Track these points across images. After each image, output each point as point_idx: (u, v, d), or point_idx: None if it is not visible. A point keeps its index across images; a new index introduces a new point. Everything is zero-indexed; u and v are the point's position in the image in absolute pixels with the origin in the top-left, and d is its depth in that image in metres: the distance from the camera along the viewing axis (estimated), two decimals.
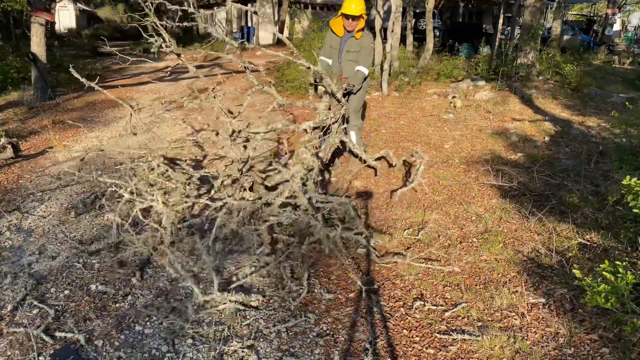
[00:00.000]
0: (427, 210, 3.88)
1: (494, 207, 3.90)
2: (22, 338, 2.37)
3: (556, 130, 6.13)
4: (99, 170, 4.74)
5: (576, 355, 2.25)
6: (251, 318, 2.56)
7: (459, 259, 3.15)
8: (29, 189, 4.33)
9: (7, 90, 8.59)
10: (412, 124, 6.69)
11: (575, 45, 15.10)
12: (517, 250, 3.22)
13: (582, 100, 7.93)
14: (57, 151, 5.41)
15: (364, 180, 4.55)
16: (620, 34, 20.57)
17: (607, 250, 3.11)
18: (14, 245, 3.32)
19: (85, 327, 2.46)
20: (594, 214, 3.62)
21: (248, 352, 2.29)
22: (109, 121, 6.92)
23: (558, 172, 4.55)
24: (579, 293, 2.63)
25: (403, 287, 2.85)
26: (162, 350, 2.31)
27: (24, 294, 2.71)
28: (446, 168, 4.80)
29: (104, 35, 31.94)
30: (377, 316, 2.58)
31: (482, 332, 2.42)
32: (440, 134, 6.14)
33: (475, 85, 8.87)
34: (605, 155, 5.00)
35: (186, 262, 3.12)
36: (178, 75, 11.84)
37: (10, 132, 5.84)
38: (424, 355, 2.31)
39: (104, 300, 2.69)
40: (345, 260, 3.13)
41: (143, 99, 8.47)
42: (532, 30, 9.06)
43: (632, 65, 12.83)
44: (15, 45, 13.17)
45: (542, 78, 9.17)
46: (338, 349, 2.34)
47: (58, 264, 3.06)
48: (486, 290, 2.79)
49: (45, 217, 3.78)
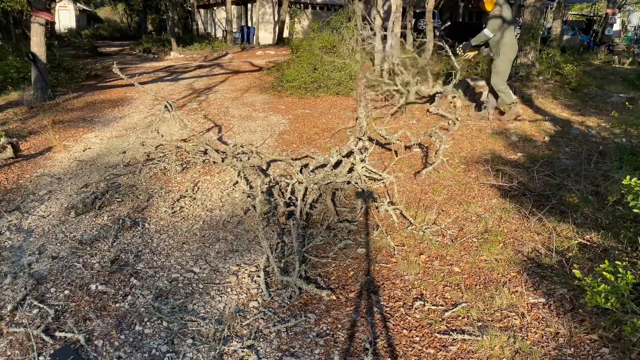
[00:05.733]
0: (427, 210, 3.88)
1: (494, 207, 3.91)
2: (22, 338, 2.37)
3: (556, 130, 6.13)
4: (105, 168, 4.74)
5: (576, 355, 2.25)
6: (251, 318, 2.56)
7: (459, 259, 3.15)
8: (29, 189, 4.34)
9: (7, 90, 8.59)
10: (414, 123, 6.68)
11: (575, 45, 15.08)
12: (517, 250, 3.22)
13: (582, 100, 7.93)
14: (57, 151, 5.41)
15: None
16: (620, 34, 20.54)
17: (607, 250, 3.11)
18: (14, 245, 3.32)
19: (85, 327, 2.46)
20: (594, 214, 3.62)
21: (248, 352, 2.29)
22: (109, 121, 6.92)
23: (558, 172, 4.55)
24: (579, 293, 2.63)
25: (403, 287, 2.85)
26: (162, 350, 2.31)
27: (24, 294, 2.71)
28: (446, 168, 4.80)
29: (103, 35, 31.85)
30: (377, 316, 2.58)
31: (482, 332, 2.42)
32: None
33: (476, 85, 8.86)
34: (605, 155, 4.99)
35: (186, 262, 3.12)
36: (178, 75, 11.85)
37: (10, 132, 5.84)
38: (424, 355, 2.31)
39: (104, 300, 2.69)
40: (346, 260, 3.13)
41: (143, 99, 8.47)
42: (532, 30, 9.06)
43: (632, 65, 12.81)
44: (15, 45, 13.17)
45: (542, 78, 9.17)
46: (338, 349, 2.34)
47: (58, 264, 3.06)
48: (486, 290, 2.79)
49: (45, 217, 3.78)
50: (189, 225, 3.65)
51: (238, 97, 8.79)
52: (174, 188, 4.34)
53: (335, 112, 7.29)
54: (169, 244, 3.36)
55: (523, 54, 9.27)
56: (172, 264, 3.10)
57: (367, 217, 3.71)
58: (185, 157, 4.90)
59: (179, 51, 17.47)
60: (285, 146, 5.61)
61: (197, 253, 3.24)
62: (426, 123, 6.44)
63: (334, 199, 3.96)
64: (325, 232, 3.46)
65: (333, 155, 4.28)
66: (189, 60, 15.74)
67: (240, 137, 5.97)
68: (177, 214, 3.84)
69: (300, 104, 8.03)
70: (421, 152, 5.32)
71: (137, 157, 4.98)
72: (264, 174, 4.57)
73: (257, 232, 3.31)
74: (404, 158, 5.06)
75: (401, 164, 4.91)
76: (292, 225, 3.24)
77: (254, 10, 23.51)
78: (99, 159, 5.17)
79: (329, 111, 7.39)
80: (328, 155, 4.40)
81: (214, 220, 3.73)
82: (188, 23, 27.63)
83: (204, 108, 7.82)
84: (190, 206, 3.97)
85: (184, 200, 4.05)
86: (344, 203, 3.98)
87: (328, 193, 3.91)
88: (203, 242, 3.39)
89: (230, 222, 3.68)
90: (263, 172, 4.66)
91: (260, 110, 7.56)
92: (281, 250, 3.24)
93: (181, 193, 4.19)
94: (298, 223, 3.35)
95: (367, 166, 4.23)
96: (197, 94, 9.14)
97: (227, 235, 3.49)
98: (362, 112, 4.45)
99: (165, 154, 4.87)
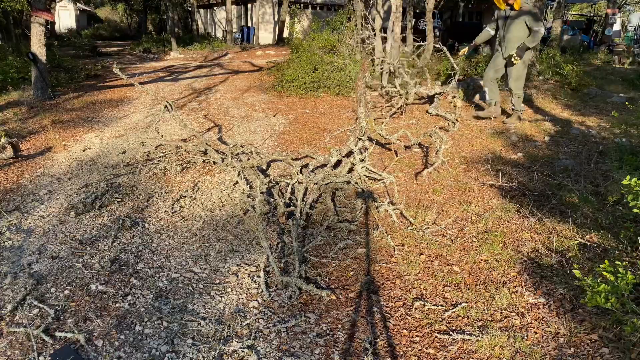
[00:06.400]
0: (427, 210, 3.88)
1: (494, 207, 3.91)
2: (22, 338, 2.37)
3: (556, 130, 6.13)
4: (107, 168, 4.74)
5: (576, 355, 2.25)
6: (251, 318, 2.56)
7: (459, 259, 3.15)
8: (29, 189, 4.34)
9: (7, 90, 8.59)
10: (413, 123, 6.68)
11: (575, 45, 15.08)
12: (517, 250, 3.22)
13: (582, 100, 7.93)
14: (57, 151, 5.41)
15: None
16: (620, 34, 20.54)
17: (607, 250, 3.11)
18: (14, 245, 3.32)
19: (85, 327, 2.46)
20: (594, 214, 3.62)
21: (248, 352, 2.29)
22: (109, 121, 6.91)
23: (558, 172, 4.55)
24: (579, 293, 2.63)
25: (403, 287, 2.85)
26: (162, 350, 2.31)
27: (24, 294, 2.71)
28: (446, 168, 4.80)
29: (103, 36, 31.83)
30: (377, 316, 2.58)
31: (482, 332, 2.42)
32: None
33: (476, 85, 8.86)
34: (605, 155, 4.99)
35: (186, 262, 3.12)
36: (178, 75, 11.85)
37: (10, 132, 5.84)
38: (424, 355, 2.31)
39: (104, 300, 2.69)
40: (346, 260, 3.13)
41: (143, 99, 8.47)
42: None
43: (632, 65, 12.80)
44: (15, 45, 13.16)
45: (542, 78, 9.17)
46: (338, 349, 2.34)
47: (58, 264, 3.06)
48: (486, 290, 2.79)
49: (45, 217, 3.78)
50: (189, 225, 3.65)
51: (238, 97, 8.79)
52: (174, 188, 4.34)
53: (335, 112, 7.29)
54: (169, 244, 3.37)
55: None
56: (172, 264, 3.10)
57: (367, 217, 3.71)
58: (185, 157, 4.91)
59: (179, 51, 17.48)
60: (285, 146, 5.61)
61: (197, 253, 3.24)
62: (426, 123, 6.44)
63: (334, 199, 3.96)
64: (325, 232, 3.46)
65: (333, 155, 4.28)
66: (189, 60, 15.74)
67: (240, 137, 5.97)
68: (177, 214, 3.84)
69: (300, 104, 8.03)
70: (421, 152, 5.32)
71: (137, 157, 4.98)
72: (264, 174, 4.58)
73: (257, 232, 3.32)
74: (404, 158, 5.07)
75: (401, 164, 4.91)
76: (292, 225, 3.24)
77: (254, 10, 23.53)
78: (99, 159, 5.17)
79: (329, 111, 7.38)
80: (328, 155, 4.40)
81: (214, 220, 3.73)
82: (188, 23, 27.64)
83: (204, 108, 7.82)
84: (190, 206, 3.97)
85: (184, 200, 4.05)
86: (344, 203, 3.98)
87: (328, 193, 3.91)
88: (203, 242, 3.39)
89: (230, 222, 3.68)
90: (263, 172, 4.66)
91: (260, 110, 7.55)
92: (281, 250, 3.24)
93: (181, 193, 4.19)
94: (298, 223, 3.35)
95: (367, 166, 4.23)
96: (197, 94, 9.14)
97: (227, 235, 3.49)
98: (362, 112, 4.46)
99: (165, 154, 4.87)
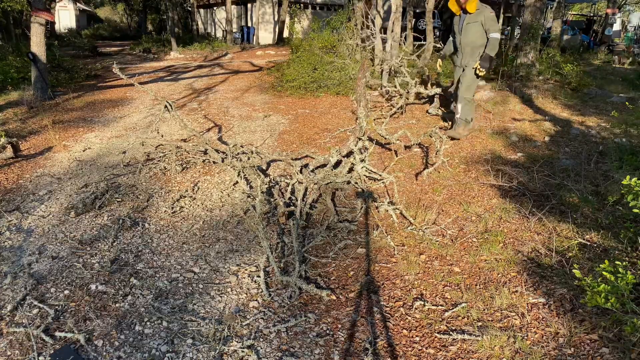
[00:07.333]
0: (427, 210, 3.88)
1: (494, 207, 3.91)
2: (22, 338, 2.37)
3: (556, 130, 6.13)
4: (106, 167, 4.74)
5: (576, 355, 2.25)
6: (251, 318, 2.56)
7: (459, 259, 3.15)
8: (29, 189, 4.33)
9: (7, 90, 8.59)
10: (413, 123, 6.68)
11: (575, 45, 15.08)
12: (517, 250, 3.22)
13: (582, 100, 7.93)
14: (57, 151, 5.41)
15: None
16: (620, 34, 20.53)
17: (607, 250, 3.11)
18: (14, 245, 3.32)
19: (85, 327, 2.46)
20: (594, 214, 3.62)
21: (248, 352, 2.29)
22: (109, 121, 6.91)
23: (558, 172, 4.55)
24: (579, 293, 2.63)
25: (403, 287, 2.85)
26: (162, 350, 2.31)
27: (24, 294, 2.71)
28: (446, 168, 4.80)
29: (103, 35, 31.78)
30: (377, 316, 2.58)
31: (482, 332, 2.42)
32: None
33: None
34: (605, 155, 4.99)
35: (186, 262, 3.12)
36: (178, 75, 11.85)
37: (10, 132, 5.84)
38: (424, 355, 2.31)
39: (104, 300, 2.69)
40: (346, 260, 3.13)
41: (143, 99, 8.47)
42: (532, 30, 9.05)
43: (632, 65, 12.81)
44: (15, 45, 13.16)
45: (542, 78, 9.17)
46: (338, 349, 2.34)
47: (58, 264, 3.06)
48: (486, 290, 2.79)
49: (45, 217, 3.78)
50: (189, 225, 3.65)
51: (238, 97, 8.79)
52: (174, 188, 4.34)
53: (335, 112, 7.29)
54: (169, 244, 3.36)
55: (523, 54, 9.26)
56: (172, 264, 3.10)
57: (367, 217, 3.71)
58: (185, 157, 4.90)
59: (179, 51, 17.47)
60: (285, 146, 5.61)
61: (197, 253, 3.24)
62: (426, 123, 6.44)
63: (334, 199, 3.96)
64: (325, 232, 3.46)
65: (333, 155, 4.28)
66: (188, 60, 15.74)
67: (240, 137, 5.97)
68: (177, 214, 3.84)
69: (300, 104, 8.03)
70: (421, 152, 5.32)
71: (137, 157, 4.98)
72: (264, 174, 4.57)
73: (257, 232, 3.31)
74: (404, 158, 5.07)
75: (401, 164, 4.91)
76: (292, 225, 3.24)
77: (254, 10, 23.51)
78: (99, 159, 5.17)
79: (329, 111, 7.38)
80: (328, 155, 4.40)
81: (213, 220, 3.72)
82: (188, 23, 27.63)
83: (204, 108, 7.82)
84: (190, 206, 3.97)
85: (184, 200, 4.05)
86: (344, 203, 3.98)
87: (328, 193, 3.91)
88: (203, 242, 3.39)
89: (230, 222, 3.68)
90: (263, 172, 4.66)
91: (260, 110, 7.55)
92: (281, 250, 3.24)
93: (181, 193, 4.19)
94: (298, 223, 3.35)
95: (367, 166, 4.23)
96: (197, 94, 9.14)
97: (227, 235, 3.49)
98: (362, 112, 4.45)
99: (165, 154, 4.87)
